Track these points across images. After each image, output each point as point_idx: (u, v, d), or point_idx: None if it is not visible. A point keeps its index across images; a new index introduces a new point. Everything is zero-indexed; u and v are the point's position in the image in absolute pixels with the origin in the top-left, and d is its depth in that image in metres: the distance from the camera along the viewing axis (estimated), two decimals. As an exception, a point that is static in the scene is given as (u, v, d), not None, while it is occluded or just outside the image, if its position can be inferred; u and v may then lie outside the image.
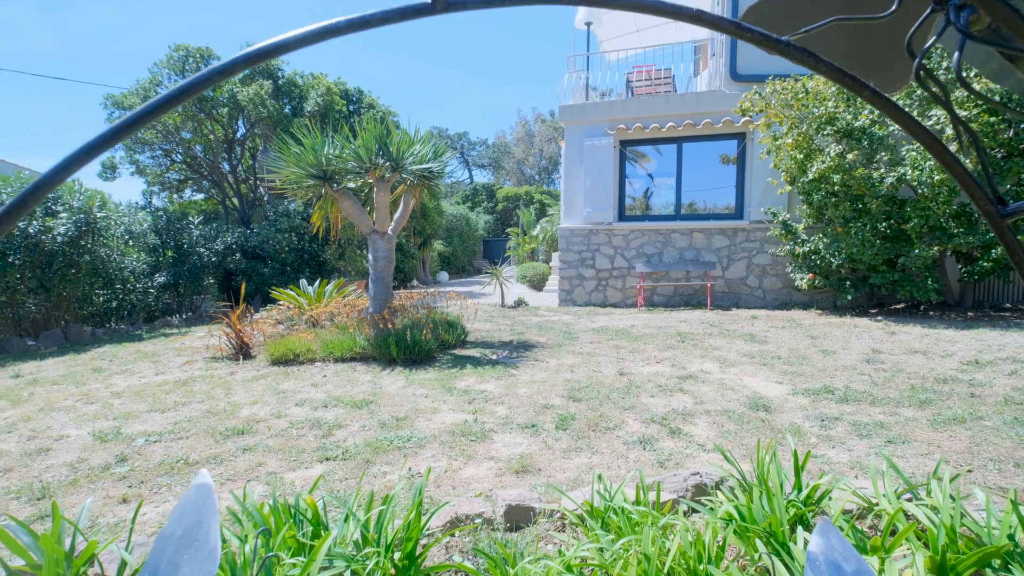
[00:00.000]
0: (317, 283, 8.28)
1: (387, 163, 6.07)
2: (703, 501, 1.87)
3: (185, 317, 10.47)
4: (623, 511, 1.64)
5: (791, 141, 7.57)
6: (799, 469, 1.85)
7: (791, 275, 8.70)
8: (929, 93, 0.44)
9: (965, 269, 7.33)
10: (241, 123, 14.76)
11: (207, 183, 16.02)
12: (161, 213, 11.18)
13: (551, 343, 6.37)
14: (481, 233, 25.94)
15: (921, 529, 1.62)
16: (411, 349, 5.47)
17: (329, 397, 4.34)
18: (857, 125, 7.01)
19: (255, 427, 3.70)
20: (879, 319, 7.23)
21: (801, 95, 7.39)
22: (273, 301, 9.63)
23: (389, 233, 6.39)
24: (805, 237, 8.16)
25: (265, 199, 15.89)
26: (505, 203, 31.86)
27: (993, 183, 0.44)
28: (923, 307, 7.96)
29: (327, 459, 3.08)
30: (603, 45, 14.00)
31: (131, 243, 9.99)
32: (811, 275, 8.15)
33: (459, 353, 5.93)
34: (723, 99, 9.37)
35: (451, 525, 1.91)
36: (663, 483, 2.09)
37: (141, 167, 14.86)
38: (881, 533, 1.48)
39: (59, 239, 8.00)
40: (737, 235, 9.41)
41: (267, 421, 3.83)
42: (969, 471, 2.62)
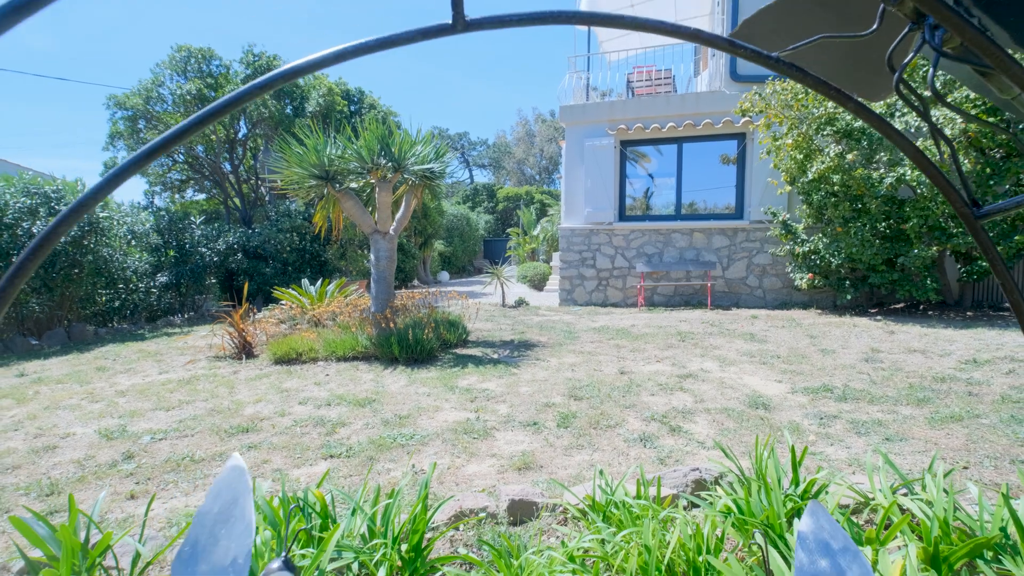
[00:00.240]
0: (319, 283, 8.32)
1: (389, 163, 6.11)
2: (703, 496, 1.91)
3: (187, 317, 10.51)
4: (624, 505, 1.68)
5: (791, 141, 7.61)
6: (796, 464, 1.88)
7: (791, 275, 8.73)
8: (908, 104, 0.47)
9: (964, 269, 7.36)
10: (243, 123, 14.81)
11: (209, 183, 16.07)
12: (163, 213, 11.23)
13: (552, 342, 6.40)
14: (482, 233, 25.99)
15: (916, 522, 1.65)
16: (413, 348, 5.51)
17: (332, 396, 4.38)
18: (856, 125, 7.04)
19: (259, 425, 3.74)
20: (878, 319, 7.27)
21: (801, 96, 7.43)
22: (275, 301, 9.68)
23: (391, 233, 6.43)
24: (805, 237, 8.20)
25: (266, 199, 15.93)
26: (506, 203, 31.90)
27: (968, 186, 0.47)
28: (922, 307, 8.00)
29: (331, 456, 3.12)
30: (604, 45, 14.03)
31: (134, 243, 10.03)
32: (811, 275, 8.19)
33: (461, 352, 5.96)
34: (723, 99, 9.40)
35: (455, 519, 1.95)
36: (663, 479, 2.13)
37: (143, 167, 14.89)
38: (876, 526, 1.51)
39: (62, 239, 8.03)
40: (737, 235, 9.45)
41: (271, 419, 3.87)
42: (965, 468, 2.66)
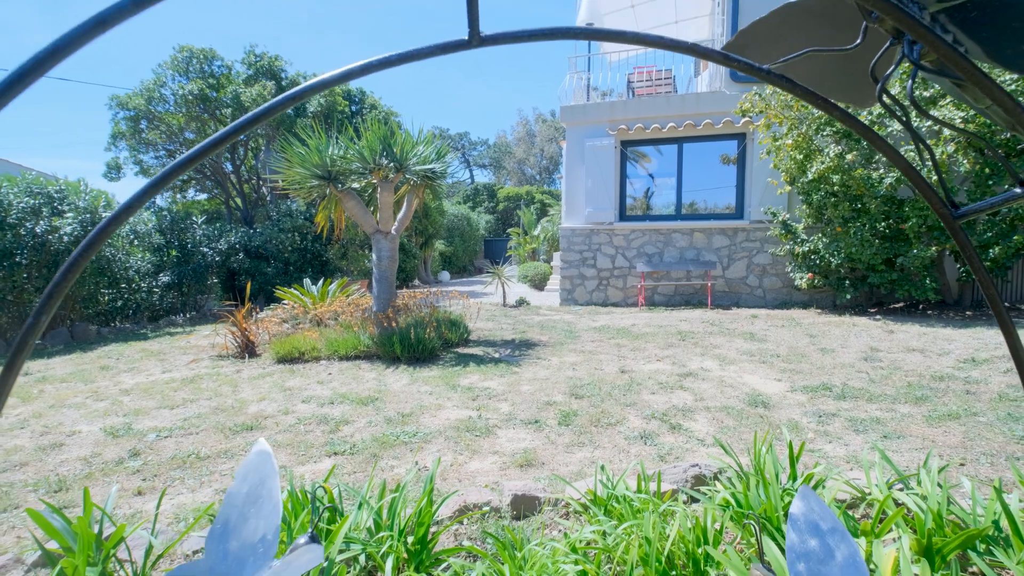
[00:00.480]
0: (321, 282, 8.36)
1: (391, 164, 6.14)
2: (702, 491, 1.95)
3: (189, 316, 10.55)
4: (625, 499, 1.71)
5: (791, 142, 7.64)
6: (794, 460, 1.92)
7: (791, 275, 8.77)
8: (891, 113, 0.51)
9: (963, 269, 7.40)
10: (244, 123, 14.82)
11: (210, 183, 16.11)
12: (165, 213, 11.27)
13: (553, 341, 6.44)
14: (482, 233, 26.02)
15: (911, 516, 1.69)
16: (415, 347, 5.55)
17: (335, 394, 4.41)
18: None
19: (263, 423, 3.78)
20: (878, 318, 7.30)
21: (801, 96, 7.45)
22: (276, 300, 9.72)
23: (393, 233, 6.46)
24: (805, 237, 8.23)
25: (268, 199, 15.97)
26: (506, 203, 31.94)
27: (947, 189, 0.51)
28: (922, 306, 8.03)
29: (335, 454, 3.16)
30: (604, 46, 14.05)
31: (136, 243, 10.07)
32: (811, 275, 8.22)
33: (462, 351, 6.00)
34: (723, 100, 9.43)
35: (459, 513, 1.99)
36: (664, 474, 2.16)
37: (145, 167, 14.94)
38: (872, 519, 1.55)
39: (65, 239, 8.08)
40: (737, 235, 9.48)
41: (275, 417, 3.90)
42: (962, 464, 2.69)
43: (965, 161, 6.48)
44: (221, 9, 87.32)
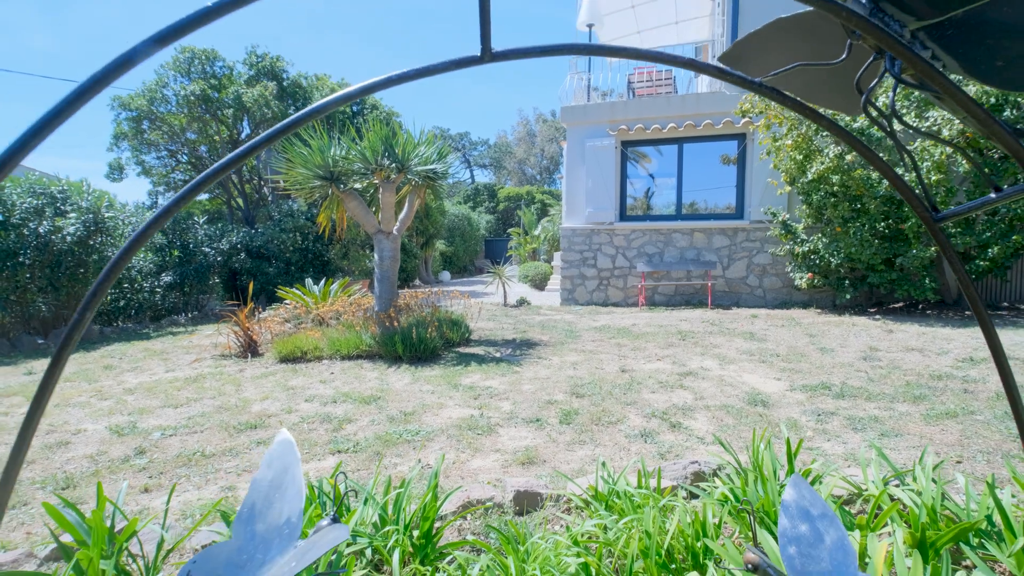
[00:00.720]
0: (322, 282, 8.40)
1: (393, 164, 6.18)
2: (701, 487, 1.98)
3: (191, 316, 10.59)
4: (626, 494, 1.75)
5: (791, 142, 7.67)
6: (792, 456, 1.95)
7: (791, 274, 8.80)
8: (874, 122, 0.54)
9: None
10: (246, 124, 14.88)
11: (212, 183, 16.14)
12: (167, 213, 11.29)
13: (554, 341, 6.47)
14: (483, 233, 26.05)
15: (905, 511, 1.72)
16: (416, 347, 5.58)
17: (338, 393, 4.45)
18: (855, 126, 7.10)
19: (267, 422, 3.81)
20: (877, 318, 7.33)
21: (800, 97, 7.49)
22: (278, 300, 9.75)
23: (394, 233, 6.50)
24: (804, 237, 8.26)
25: (269, 199, 16.01)
26: (507, 203, 31.98)
27: (929, 194, 0.54)
28: (921, 306, 8.06)
29: (339, 452, 3.19)
30: (604, 46, 14.07)
31: (138, 243, 10.09)
32: (810, 274, 8.25)
33: (463, 351, 6.03)
34: (723, 100, 9.46)
35: (463, 508, 2.02)
36: (664, 471, 2.20)
37: (147, 168, 14.99)
38: (867, 514, 1.58)
39: (68, 239, 8.12)
40: (737, 235, 9.51)
41: (278, 416, 3.94)
42: (959, 462, 2.72)
43: (964, 162, 6.51)
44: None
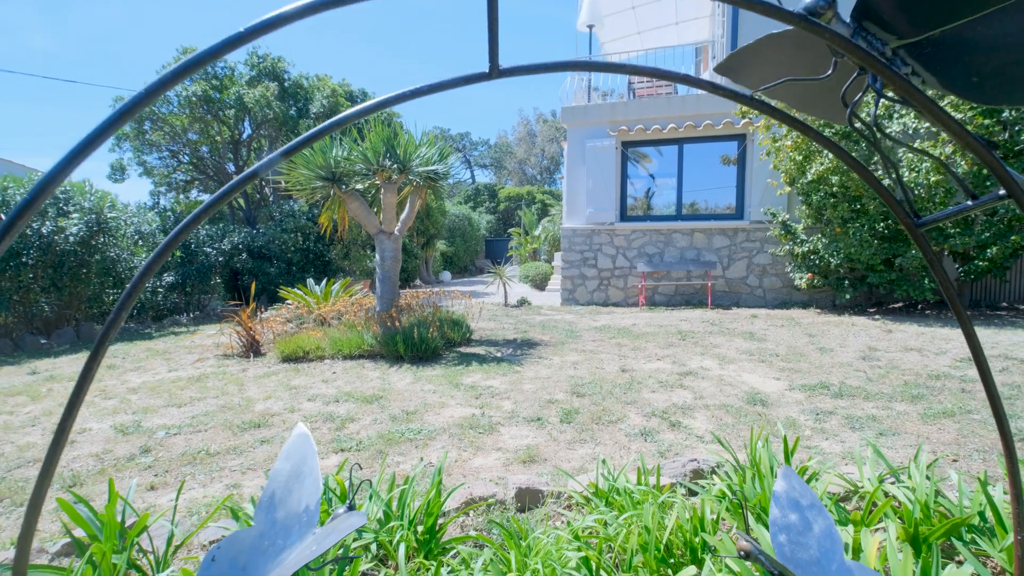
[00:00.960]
0: (324, 282, 8.43)
1: (394, 165, 6.21)
2: (700, 483, 2.01)
3: (193, 316, 10.64)
4: (626, 491, 1.78)
5: (790, 143, 7.70)
6: (789, 454, 1.98)
7: (791, 275, 8.83)
8: (859, 133, 0.57)
9: (962, 269, 7.45)
10: (247, 124, 14.92)
11: (213, 184, 16.18)
12: (169, 213, 11.36)
13: (554, 341, 6.51)
14: (483, 233, 26.08)
15: (900, 507, 1.75)
16: (418, 347, 5.61)
17: (340, 392, 4.48)
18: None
19: (270, 420, 3.85)
20: (877, 318, 7.36)
21: (800, 98, 7.51)
22: (279, 300, 9.79)
23: (396, 233, 6.53)
24: (804, 237, 8.29)
25: (271, 199, 16.05)
26: (507, 203, 32.01)
27: (911, 200, 0.58)
28: (920, 306, 8.09)
29: (342, 450, 3.22)
30: (605, 47, 14.13)
31: (140, 243, 10.15)
32: (810, 275, 8.28)
33: (465, 351, 6.07)
34: (723, 101, 9.49)
35: (466, 505, 2.06)
36: (663, 468, 2.23)
37: (149, 168, 15.03)
38: (862, 510, 1.61)
39: (71, 239, 8.16)
40: (737, 235, 9.54)
41: (281, 415, 3.97)
42: (955, 460, 2.76)
43: (963, 162, 6.53)
44: (222, 10, 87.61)
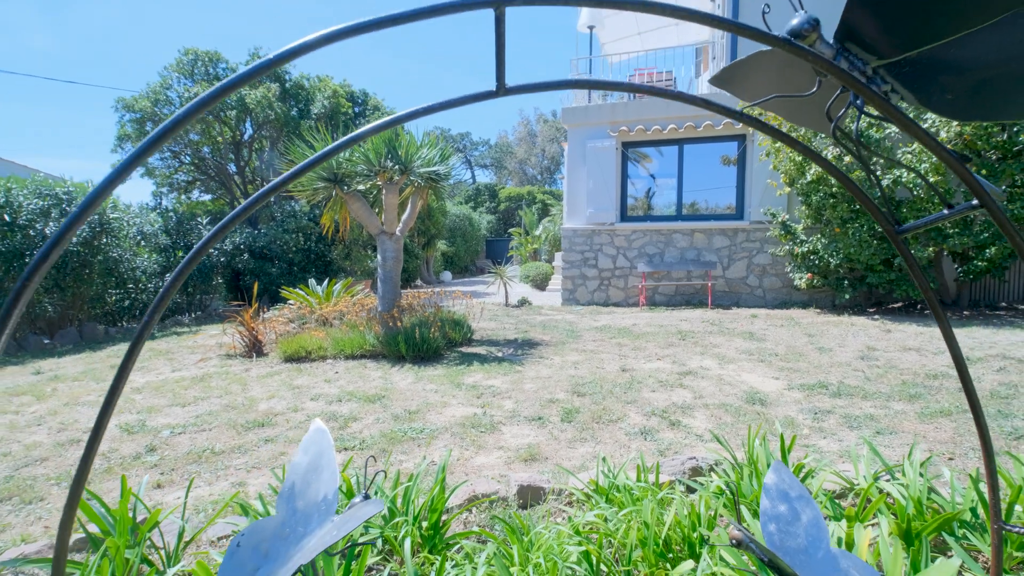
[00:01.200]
0: (326, 282, 8.47)
1: (396, 166, 6.25)
2: (699, 481, 2.05)
3: (195, 316, 10.68)
4: (626, 488, 1.82)
5: (790, 143, 7.73)
6: (786, 452, 2.02)
7: (790, 275, 8.86)
8: (842, 147, 0.61)
9: (961, 269, 7.48)
10: (248, 125, 14.97)
11: (214, 184, 16.24)
12: (171, 214, 11.39)
13: (555, 341, 6.54)
14: (484, 233, 26.13)
15: (893, 503, 1.79)
16: (420, 346, 5.65)
17: (342, 392, 4.52)
18: (854, 127, 7.17)
19: (274, 420, 3.89)
20: (876, 318, 7.39)
21: (799, 98, 7.55)
22: (281, 300, 9.83)
23: (397, 234, 6.57)
24: (804, 237, 8.33)
25: (272, 200, 16.09)
26: (507, 203, 32.05)
27: (891, 208, 0.61)
28: (920, 306, 8.11)
29: (345, 449, 3.26)
30: (605, 48, 14.16)
31: (143, 243, 10.20)
32: (810, 275, 8.31)
33: (466, 351, 6.11)
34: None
35: (468, 502, 2.09)
36: (662, 466, 2.27)
37: (150, 168, 15.08)
38: (856, 506, 1.65)
39: (74, 240, 8.20)
40: (737, 235, 9.58)
41: (284, 414, 4.01)
42: (951, 459, 2.79)
43: (965, 164, 6.56)
44: (223, 11, 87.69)
